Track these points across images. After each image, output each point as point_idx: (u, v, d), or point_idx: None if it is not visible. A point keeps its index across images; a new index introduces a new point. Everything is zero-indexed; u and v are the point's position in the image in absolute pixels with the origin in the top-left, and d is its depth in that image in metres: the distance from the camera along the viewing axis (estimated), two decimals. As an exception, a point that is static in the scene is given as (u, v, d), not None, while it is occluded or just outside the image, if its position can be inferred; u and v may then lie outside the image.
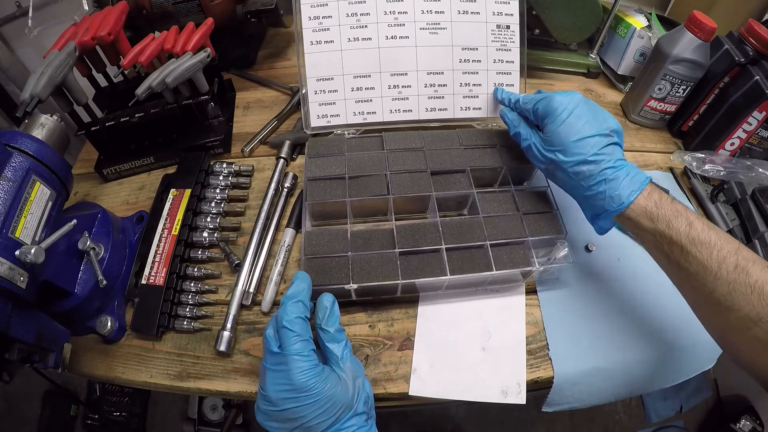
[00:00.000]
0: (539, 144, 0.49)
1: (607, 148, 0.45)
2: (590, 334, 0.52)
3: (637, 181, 0.43)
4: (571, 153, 0.45)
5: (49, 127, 0.48)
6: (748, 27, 0.64)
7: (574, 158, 0.45)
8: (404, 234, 0.51)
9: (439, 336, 0.51)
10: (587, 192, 0.46)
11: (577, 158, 0.45)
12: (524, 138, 0.52)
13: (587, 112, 0.47)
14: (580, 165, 0.45)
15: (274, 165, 0.63)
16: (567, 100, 0.47)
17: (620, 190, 0.43)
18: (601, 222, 0.47)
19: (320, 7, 0.59)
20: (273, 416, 0.37)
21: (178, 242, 0.53)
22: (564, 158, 0.46)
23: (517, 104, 0.54)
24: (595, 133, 0.45)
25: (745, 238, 0.61)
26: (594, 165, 0.44)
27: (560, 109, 0.47)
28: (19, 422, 1.21)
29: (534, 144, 0.50)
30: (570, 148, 0.46)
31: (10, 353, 0.38)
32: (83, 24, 0.59)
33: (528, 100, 0.52)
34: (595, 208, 0.46)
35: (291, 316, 0.38)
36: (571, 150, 0.45)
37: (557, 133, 0.47)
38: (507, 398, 0.48)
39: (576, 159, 0.45)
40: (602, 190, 0.44)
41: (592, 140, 0.45)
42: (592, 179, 0.45)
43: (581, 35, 0.76)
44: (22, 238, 0.39)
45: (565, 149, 0.46)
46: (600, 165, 0.44)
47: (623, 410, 1.29)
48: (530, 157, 0.52)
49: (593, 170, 0.44)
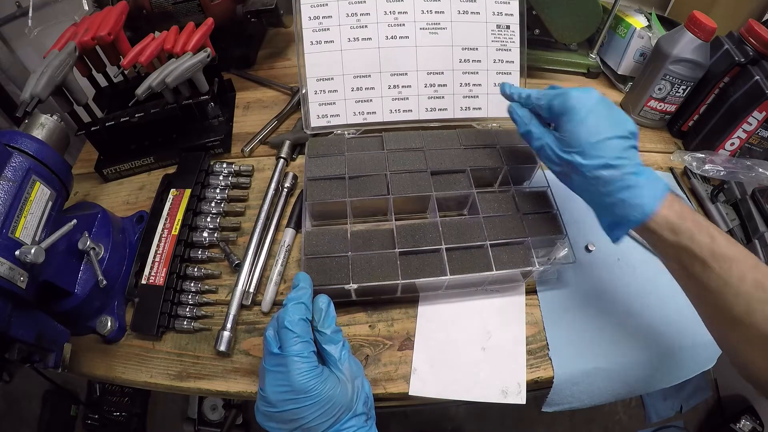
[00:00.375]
0: (554, 144, 0.45)
1: (628, 152, 0.42)
2: (590, 334, 0.52)
3: (658, 189, 0.40)
4: (591, 156, 0.42)
5: (49, 127, 0.48)
6: (748, 27, 0.64)
7: (594, 161, 0.41)
8: (404, 234, 0.51)
9: (439, 336, 0.51)
10: (607, 198, 0.42)
11: (598, 161, 0.41)
12: (536, 137, 0.47)
13: (606, 111, 0.43)
14: (601, 169, 0.41)
15: (274, 165, 0.63)
16: (585, 97, 0.43)
17: (642, 198, 0.40)
18: (619, 231, 0.43)
19: (320, 7, 0.59)
20: (272, 417, 0.37)
21: (178, 242, 0.53)
22: (583, 161, 0.42)
23: (527, 100, 0.49)
24: (616, 135, 0.42)
25: (745, 238, 0.61)
26: (615, 170, 0.41)
27: (578, 106, 0.43)
28: (19, 422, 1.21)
29: (548, 144, 0.45)
30: (589, 150, 0.42)
31: (10, 353, 0.38)
32: (83, 24, 0.59)
33: (541, 96, 0.47)
34: (614, 216, 0.42)
35: (293, 317, 0.38)
36: (590, 152, 0.42)
37: (576, 133, 0.43)
38: (507, 398, 0.48)
39: (596, 162, 0.41)
40: (623, 197, 0.41)
41: (613, 142, 0.41)
42: (613, 185, 0.41)
43: (581, 35, 0.76)
44: (22, 238, 0.39)
45: (584, 151, 0.42)
46: (621, 170, 0.41)
47: (623, 410, 1.29)
48: (543, 159, 0.47)
49: (615, 175, 0.41)
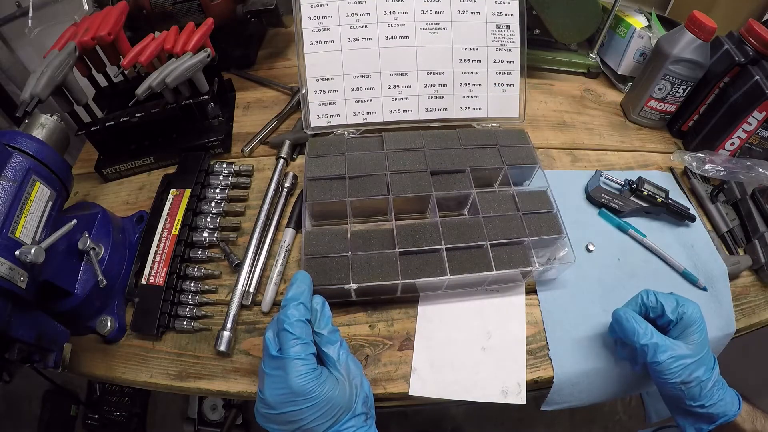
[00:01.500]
0: (683, 355, 0.43)
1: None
2: (590, 334, 0.52)
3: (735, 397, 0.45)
4: (708, 365, 0.44)
5: (49, 127, 0.48)
6: (748, 27, 0.64)
7: (710, 372, 0.44)
8: (404, 234, 0.51)
9: (439, 336, 0.51)
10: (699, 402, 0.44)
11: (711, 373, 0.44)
12: (663, 350, 0.43)
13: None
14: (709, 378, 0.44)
15: (274, 165, 0.63)
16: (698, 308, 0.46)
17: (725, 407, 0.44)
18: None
19: (320, 7, 0.59)
20: (272, 419, 0.37)
21: (178, 242, 0.53)
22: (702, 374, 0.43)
23: (653, 309, 0.47)
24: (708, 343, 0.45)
25: (745, 238, 0.61)
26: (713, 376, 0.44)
27: (700, 317, 0.45)
28: (19, 422, 1.21)
29: (675, 356, 0.43)
30: (707, 360, 0.44)
31: (10, 353, 0.38)
32: (83, 24, 0.59)
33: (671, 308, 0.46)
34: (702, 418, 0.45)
35: (291, 318, 0.38)
36: (707, 362, 0.44)
37: (701, 344, 0.44)
38: (507, 398, 0.48)
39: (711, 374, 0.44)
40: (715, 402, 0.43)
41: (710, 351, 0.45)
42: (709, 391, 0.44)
43: (581, 35, 0.76)
44: (22, 238, 0.39)
45: (701, 359, 0.44)
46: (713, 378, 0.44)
47: (623, 410, 1.29)
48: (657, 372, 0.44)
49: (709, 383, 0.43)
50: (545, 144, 0.71)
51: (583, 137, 0.73)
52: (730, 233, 0.62)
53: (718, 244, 0.60)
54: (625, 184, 0.62)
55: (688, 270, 0.57)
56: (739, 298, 0.58)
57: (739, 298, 0.57)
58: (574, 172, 0.67)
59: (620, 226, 0.60)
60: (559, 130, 0.73)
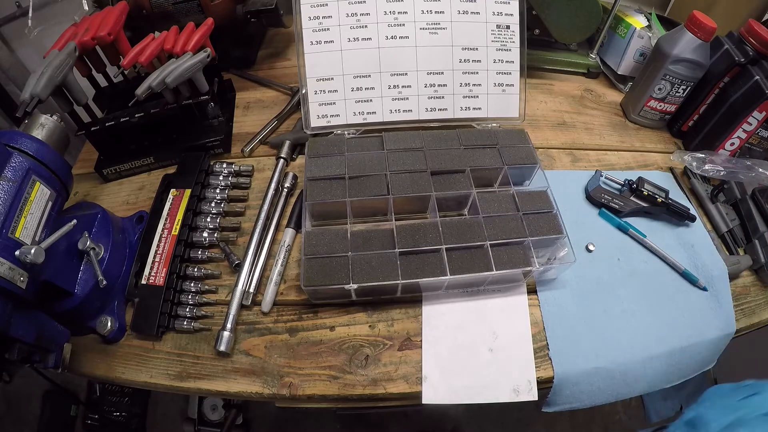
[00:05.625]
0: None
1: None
2: (590, 334, 0.52)
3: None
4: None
5: (49, 127, 0.48)
6: (748, 27, 0.64)
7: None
8: (404, 234, 0.51)
9: (445, 342, 0.51)
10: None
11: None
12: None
13: None
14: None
15: (274, 165, 0.63)
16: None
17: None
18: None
19: (320, 7, 0.59)
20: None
21: (178, 242, 0.53)
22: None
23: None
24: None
25: (745, 238, 0.61)
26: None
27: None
28: (19, 422, 1.21)
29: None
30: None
31: (10, 353, 0.38)
32: (83, 24, 0.59)
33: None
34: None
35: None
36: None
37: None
38: (519, 396, 0.48)
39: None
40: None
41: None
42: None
43: (581, 35, 0.76)
44: (22, 238, 0.39)
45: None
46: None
47: (623, 410, 1.29)
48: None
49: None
50: (545, 144, 0.71)
51: (583, 137, 0.73)
52: (730, 233, 0.62)
53: (718, 244, 0.60)
54: (625, 184, 0.62)
55: (688, 270, 0.57)
56: (739, 298, 0.57)
57: (739, 298, 0.57)
58: (574, 172, 0.67)
59: (620, 226, 0.60)
60: (559, 130, 0.73)
